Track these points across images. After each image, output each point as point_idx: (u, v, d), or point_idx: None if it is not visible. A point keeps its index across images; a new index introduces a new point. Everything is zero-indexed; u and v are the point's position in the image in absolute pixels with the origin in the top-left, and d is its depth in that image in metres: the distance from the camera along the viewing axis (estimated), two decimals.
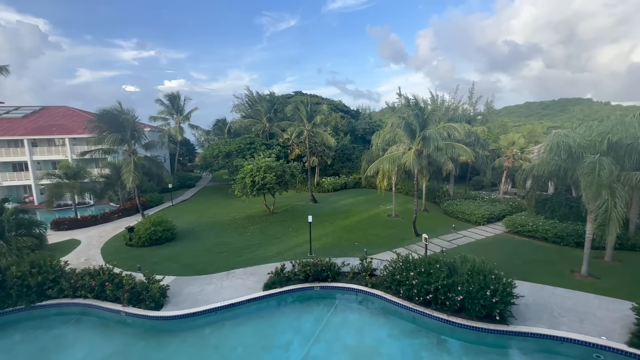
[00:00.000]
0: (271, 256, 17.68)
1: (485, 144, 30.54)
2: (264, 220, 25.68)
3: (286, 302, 13.49)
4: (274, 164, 25.78)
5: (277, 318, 12.55)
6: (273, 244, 19.94)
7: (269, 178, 24.07)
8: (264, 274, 14.88)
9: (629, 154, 13.76)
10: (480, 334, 10.67)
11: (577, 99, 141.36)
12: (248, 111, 53.26)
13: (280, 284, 13.84)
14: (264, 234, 22.08)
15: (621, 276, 14.23)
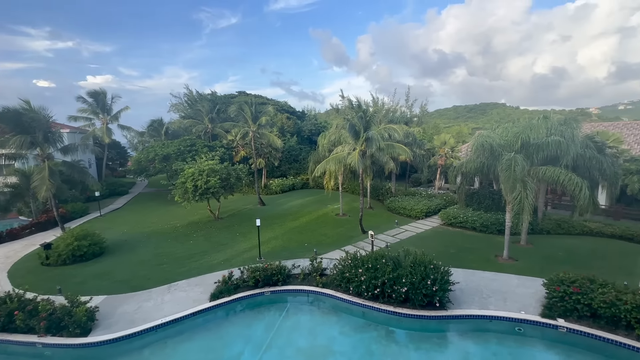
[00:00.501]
0: (218, 264, 16.81)
1: (421, 144, 32.99)
2: (208, 227, 24.34)
3: (235, 311, 12.92)
4: (217, 166, 24.61)
5: (225, 329, 11.94)
6: (219, 251, 18.99)
7: (213, 182, 22.89)
8: (210, 283, 14.06)
9: (536, 152, 15.99)
10: (423, 322, 11.45)
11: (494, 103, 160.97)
12: (188, 111, 50.10)
13: (229, 292, 13.22)
14: (209, 241, 20.92)
15: (534, 257, 16.49)
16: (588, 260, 15.96)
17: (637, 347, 9.48)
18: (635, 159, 23.20)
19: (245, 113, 30.75)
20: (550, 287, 11.46)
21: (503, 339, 10.78)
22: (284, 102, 63.87)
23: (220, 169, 24.50)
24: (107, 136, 43.67)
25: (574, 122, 18.78)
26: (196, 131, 44.05)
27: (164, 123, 47.90)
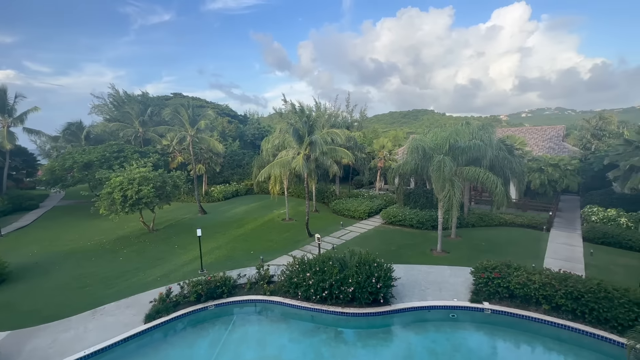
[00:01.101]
0: (153, 281, 15.34)
1: (362, 148, 34.55)
2: (141, 240, 22.14)
3: (175, 330, 11.90)
4: (151, 174, 22.58)
5: (165, 352, 10.92)
6: (155, 266, 17.37)
7: (146, 191, 20.91)
8: (144, 303, 12.75)
9: (461, 154, 17.83)
10: (369, 319, 11.88)
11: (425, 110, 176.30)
12: (114, 113, 45.21)
13: (167, 311, 12.12)
14: (143, 256, 19.02)
15: (462, 248, 18.32)
16: (505, 247, 18.27)
17: (544, 319, 11.09)
18: (536, 159, 27.35)
19: (182, 116, 28.82)
20: (476, 275, 12.82)
21: (440, 326, 11.73)
22: (225, 105, 61.63)
23: (154, 177, 22.53)
24: (9, 141, 37.04)
25: (490, 127, 21.48)
26: (124, 135, 39.96)
27: (84, 126, 42.55)
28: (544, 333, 10.95)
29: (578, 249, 18.03)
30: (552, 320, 10.98)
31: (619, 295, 10.40)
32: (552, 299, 11.23)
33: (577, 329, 10.57)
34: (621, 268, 15.18)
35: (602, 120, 40.27)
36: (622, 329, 9.86)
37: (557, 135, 33.88)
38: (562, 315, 11.04)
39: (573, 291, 10.92)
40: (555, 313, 11.18)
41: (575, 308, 10.86)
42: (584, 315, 10.74)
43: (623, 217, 21.08)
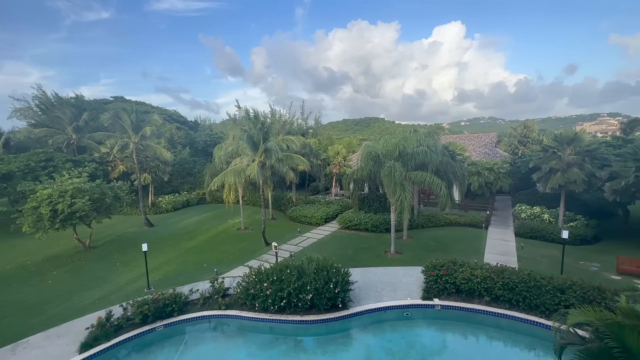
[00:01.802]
0: (91, 304, 13.78)
1: (317, 154, 34.95)
2: (76, 260, 19.81)
3: (118, 358, 10.76)
4: (87, 185, 20.42)
5: None
6: (93, 287, 15.64)
7: (81, 204, 18.81)
8: (79, 331, 11.37)
9: (410, 160, 18.91)
10: (328, 325, 11.91)
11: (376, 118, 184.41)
12: (41, 118, 40.30)
13: (107, 337, 10.94)
14: (78, 278, 17.02)
15: (415, 249, 19.32)
16: (451, 245, 19.66)
17: (486, 310, 12.10)
18: (475, 163, 30.04)
19: (124, 122, 26.64)
20: (426, 273, 13.59)
21: (395, 326, 12.17)
22: (174, 110, 58.52)
23: (91, 188, 20.40)
24: None
25: (434, 134, 23.12)
26: (54, 143, 35.77)
27: (1, 132, 37.19)
28: (487, 323, 11.93)
29: (511, 243, 20.06)
30: (493, 311, 12.02)
31: (546, 283, 11.76)
32: (492, 290, 12.31)
33: (513, 316, 11.69)
34: (546, 258, 17.21)
35: (526, 128, 45.74)
36: (549, 312, 11.12)
37: (491, 142, 37.63)
38: (501, 305, 12.14)
39: (509, 282, 12.09)
40: (495, 303, 12.25)
41: (511, 298, 12.02)
42: (518, 303, 11.93)
43: (546, 214, 24.02)
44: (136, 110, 28.65)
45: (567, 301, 11.07)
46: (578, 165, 20.82)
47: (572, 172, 20.69)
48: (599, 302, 10.61)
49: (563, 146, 21.72)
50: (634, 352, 5.73)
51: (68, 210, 18.53)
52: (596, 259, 17.33)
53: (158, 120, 31.88)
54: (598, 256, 17.76)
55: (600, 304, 10.44)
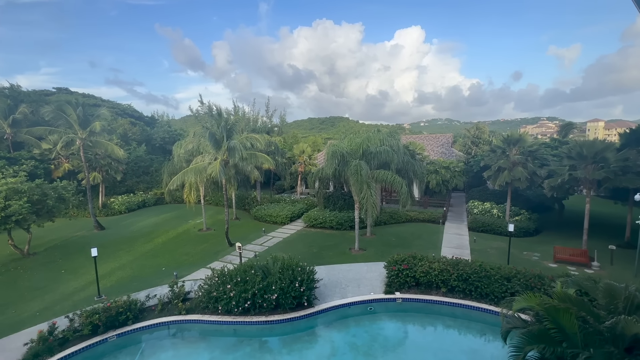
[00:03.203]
0: (30, 317, 12.46)
1: (282, 153, 34.68)
2: (11, 269, 17.79)
3: None
4: (24, 185, 18.35)
5: None
6: (33, 298, 14.16)
7: (17, 206, 16.90)
8: (16, 347, 10.27)
9: (373, 159, 19.45)
10: (294, 323, 11.90)
11: (340, 117, 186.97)
12: None
13: (50, 352, 9.99)
14: (14, 288, 15.30)
15: (377, 245, 19.93)
16: (411, 240, 20.57)
17: (443, 300, 12.85)
18: (433, 162, 31.67)
19: (69, 116, 24.35)
20: (388, 268, 14.10)
21: (359, 320, 12.48)
22: (127, 104, 54.70)
23: (30, 189, 18.38)
24: None
25: (396, 134, 23.98)
26: None
27: None
28: (443, 312, 12.68)
29: (465, 237, 21.48)
30: (449, 301, 12.80)
31: (494, 272, 12.76)
32: (448, 282, 13.10)
33: (467, 305, 12.54)
34: (495, 250, 18.66)
35: (478, 130, 49.13)
36: (498, 300, 12.08)
37: (447, 142, 39.93)
38: (456, 295, 12.97)
39: (463, 273, 12.95)
40: (450, 294, 13.06)
41: (465, 288, 12.88)
42: (471, 293, 12.82)
43: (495, 209, 26.02)
44: (83, 104, 26.37)
45: (512, 289, 12.11)
46: (522, 164, 22.82)
47: (517, 171, 22.62)
48: (539, 288, 11.74)
49: (510, 147, 23.66)
50: (566, 331, 6.42)
51: (2, 213, 16.56)
52: (537, 249, 19.15)
53: (107, 115, 29.55)
54: (538, 246, 19.63)
55: (540, 289, 11.57)
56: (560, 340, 6.41)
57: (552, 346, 6.33)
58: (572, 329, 6.36)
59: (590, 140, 20.65)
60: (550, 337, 6.49)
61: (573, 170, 18.10)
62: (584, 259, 16.75)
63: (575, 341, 6.28)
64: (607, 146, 17.81)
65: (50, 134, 29.52)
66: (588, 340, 6.27)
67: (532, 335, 6.67)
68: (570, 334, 6.38)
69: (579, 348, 6.15)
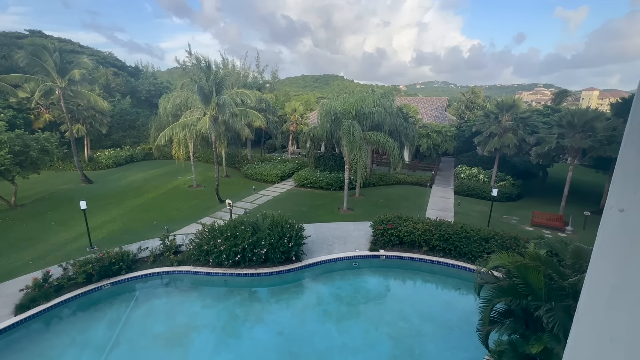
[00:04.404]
0: (23, 266, 12.75)
1: (274, 111, 33.81)
2: (0, 220, 17.75)
3: (61, 317, 10.37)
4: (4, 135, 17.66)
5: (48, 342, 9.49)
6: (24, 248, 14.36)
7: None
8: (12, 292, 10.62)
9: (366, 120, 19.21)
10: (282, 276, 12.54)
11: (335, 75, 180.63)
12: None
13: (46, 297, 10.39)
14: (4, 238, 15.42)
15: (365, 205, 20.46)
16: (398, 202, 21.16)
17: (423, 258, 13.60)
18: (425, 126, 31.52)
19: (45, 62, 22.78)
20: (374, 228, 14.64)
21: (344, 274, 13.22)
22: (108, 52, 51.19)
23: (10, 139, 17.73)
24: None
25: (391, 95, 23.48)
26: None
27: None
28: (423, 269, 13.49)
29: (450, 200, 22.18)
30: (429, 258, 13.55)
31: (474, 234, 13.42)
32: (430, 241, 13.76)
33: (445, 262, 13.33)
34: (477, 213, 19.43)
35: (473, 94, 48.39)
36: (475, 258, 12.84)
37: (442, 106, 39.43)
38: (436, 254, 13.72)
39: (444, 234, 13.58)
40: (431, 252, 13.79)
41: (445, 247, 13.59)
42: (450, 252, 13.56)
43: (482, 174, 26.61)
44: (60, 49, 24.55)
45: (490, 249, 12.84)
46: (513, 130, 22.94)
47: (507, 137, 22.80)
48: (514, 249, 12.48)
49: (503, 112, 23.57)
50: (533, 286, 6.96)
51: None
52: (517, 213, 20.01)
53: (88, 63, 27.70)
54: (518, 211, 20.50)
55: (515, 250, 12.30)
56: (527, 294, 6.98)
57: (519, 299, 6.91)
58: (538, 285, 6.90)
59: (582, 109, 20.70)
60: (518, 291, 7.05)
61: (561, 139, 18.36)
62: (559, 223, 17.67)
63: (540, 295, 6.85)
64: (597, 115, 17.94)
65: (27, 82, 27.78)
66: (551, 294, 6.85)
67: (501, 289, 7.22)
68: (536, 289, 6.93)
69: (542, 301, 6.73)
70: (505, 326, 7.32)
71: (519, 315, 7.36)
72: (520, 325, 7.24)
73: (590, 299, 0.82)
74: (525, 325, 7.21)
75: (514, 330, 7.33)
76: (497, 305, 7.46)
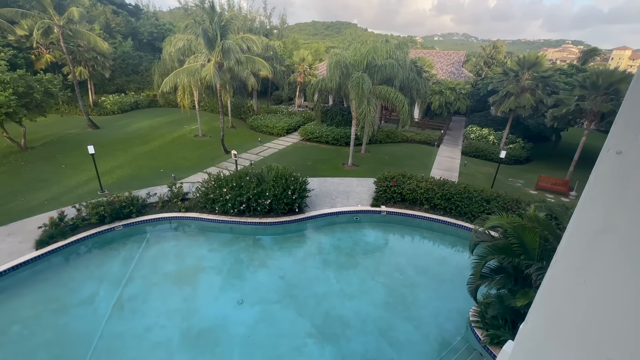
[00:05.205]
0: (39, 205, 13.35)
1: (281, 60, 32.27)
2: (12, 160, 18.23)
3: (78, 254, 11.12)
4: (7, 75, 17.35)
5: (68, 275, 10.30)
6: (39, 189, 14.92)
7: (3, 97, 16.30)
8: (31, 229, 11.27)
9: (377, 72, 18.32)
10: (285, 226, 13.03)
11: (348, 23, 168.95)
12: None
13: (63, 235, 11.04)
14: (19, 179, 15.97)
15: (370, 162, 20.43)
16: (404, 160, 21.05)
17: (424, 216, 13.89)
18: (439, 82, 30.09)
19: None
20: (378, 184, 14.77)
21: (345, 227, 13.68)
22: None
23: (13, 80, 17.45)
24: None
25: (405, 47, 22.05)
26: None
27: None
28: (422, 226, 13.86)
29: (457, 161, 21.98)
30: (429, 216, 13.84)
31: (476, 194, 13.51)
32: (432, 200, 13.94)
33: (445, 221, 13.63)
34: (483, 175, 19.36)
35: (494, 49, 45.25)
36: (474, 219, 13.09)
37: (459, 61, 37.19)
38: (437, 212, 13.97)
39: (447, 193, 13.69)
40: (432, 210, 14.04)
41: (446, 206, 13.79)
42: (451, 211, 13.79)
43: (492, 135, 25.98)
44: None
45: (490, 210, 13.01)
46: (531, 90, 21.82)
47: (524, 97, 21.77)
48: (514, 211, 12.62)
49: (523, 70, 22.21)
50: (527, 246, 7.16)
51: None
52: (522, 176, 19.89)
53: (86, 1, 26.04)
54: (524, 174, 20.35)
55: (516, 212, 12.44)
56: (520, 254, 7.22)
57: (512, 257, 7.16)
58: (532, 245, 7.09)
59: (609, 69, 19.35)
60: (512, 250, 7.28)
61: (581, 101, 17.48)
62: (563, 188, 17.60)
63: (533, 255, 7.08)
64: (624, 77, 16.83)
65: (23, 18, 26.49)
66: (544, 255, 7.07)
67: (495, 248, 7.46)
68: (530, 249, 7.14)
69: (535, 261, 6.97)
70: (495, 281, 7.70)
71: (509, 272, 7.69)
72: (510, 281, 7.61)
73: (570, 243, 0.83)
74: (514, 282, 7.57)
75: (503, 285, 7.72)
76: (490, 262, 7.77)
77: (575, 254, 0.80)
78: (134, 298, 9.43)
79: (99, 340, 8.04)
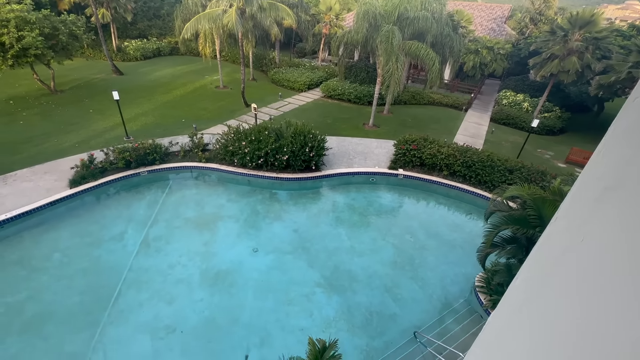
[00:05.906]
0: (71, 147, 14.08)
1: (307, 8, 30.25)
2: (44, 103, 18.93)
3: (108, 194, 11.91)
4: (32, 15, 17.30)
5: (100, 213, 11.14)
6: (69, 131, 15.62)
7: (30, 39, 16.45)
8: (65, 169, 12.02)
9: (408, 26, 16.95)
10: (301, 182, 13.24)
11: None
12: None
13: (94, 177, 11.74)
14: (51, 121, 16.71)
15: (392, 124, 19.80)
16: (428, 124, 20.26)
17: (441, 182, 13.67)
18: (477, 40, 27.62)
19: None
20: (397, 147, 14.45)
21: (360, 188, 13.75)
22: None
23: (39, 20, 17.42)
24: None
25: None
26: None
27: None
28: (439, 192, 13.72)
29: (484, 127, 20.93)
30: (447, 182, 13.61)
31: (500, 164, 13.02)
32: (452, 166, 13.60)
33: (462, 188, 13.40)
34: (510, 144, 18.46)
35: (545, 3, 40.30)
36: (494, 188, 12.77)
37: (502, 16, 33.61)
38: (455, 179, 13.69)
39: (468, 161, 13.27)
40: (451, 177, 13.77)
41: (466, 174, 13.45)
42: (471, 179, 13.46)
43: (527, 102, 24.23)
44: None
45: (512, 180, 12.59)
46: (579, 53, 19.71)
47: (569, 61, 19.76)
48: (537, 183, 12.17)
49: (574, 29, 19.88)
50: (545, 219, 7.00)
51: (18, 45, 16.31)
52: (553, 148, 18.82)
53: None
54: (556, 146, 19.23)
55: (539, 184, 12.01)
56: (536, 226, 7.08)
57: (527, 228, 7.06)
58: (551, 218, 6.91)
59: None
60: (528, 221, 7.15)
61: (635, 68, 15.72)
62: None
63: None
64: None
65: None
66: None
67: (511, 218, 7.35)
68: (547, 222, 6.98)
69: None
70: (506, 251, 7.71)
71: (521, 243, 7.64)
72: (521, 251, 7.59)
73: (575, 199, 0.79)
74: (525, 252, 7.54)
75: (513, 255, 7.73)
76: (503, 232, 7.71)
77: (577, 211, 0.76)
78: (158, 238, 10.18)
79: (128, 272, 8.90)
